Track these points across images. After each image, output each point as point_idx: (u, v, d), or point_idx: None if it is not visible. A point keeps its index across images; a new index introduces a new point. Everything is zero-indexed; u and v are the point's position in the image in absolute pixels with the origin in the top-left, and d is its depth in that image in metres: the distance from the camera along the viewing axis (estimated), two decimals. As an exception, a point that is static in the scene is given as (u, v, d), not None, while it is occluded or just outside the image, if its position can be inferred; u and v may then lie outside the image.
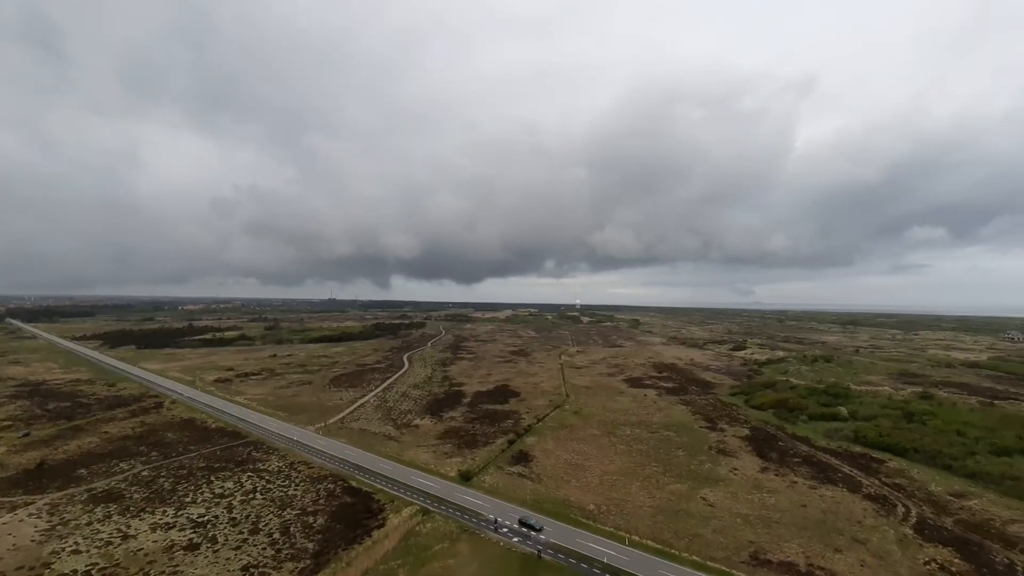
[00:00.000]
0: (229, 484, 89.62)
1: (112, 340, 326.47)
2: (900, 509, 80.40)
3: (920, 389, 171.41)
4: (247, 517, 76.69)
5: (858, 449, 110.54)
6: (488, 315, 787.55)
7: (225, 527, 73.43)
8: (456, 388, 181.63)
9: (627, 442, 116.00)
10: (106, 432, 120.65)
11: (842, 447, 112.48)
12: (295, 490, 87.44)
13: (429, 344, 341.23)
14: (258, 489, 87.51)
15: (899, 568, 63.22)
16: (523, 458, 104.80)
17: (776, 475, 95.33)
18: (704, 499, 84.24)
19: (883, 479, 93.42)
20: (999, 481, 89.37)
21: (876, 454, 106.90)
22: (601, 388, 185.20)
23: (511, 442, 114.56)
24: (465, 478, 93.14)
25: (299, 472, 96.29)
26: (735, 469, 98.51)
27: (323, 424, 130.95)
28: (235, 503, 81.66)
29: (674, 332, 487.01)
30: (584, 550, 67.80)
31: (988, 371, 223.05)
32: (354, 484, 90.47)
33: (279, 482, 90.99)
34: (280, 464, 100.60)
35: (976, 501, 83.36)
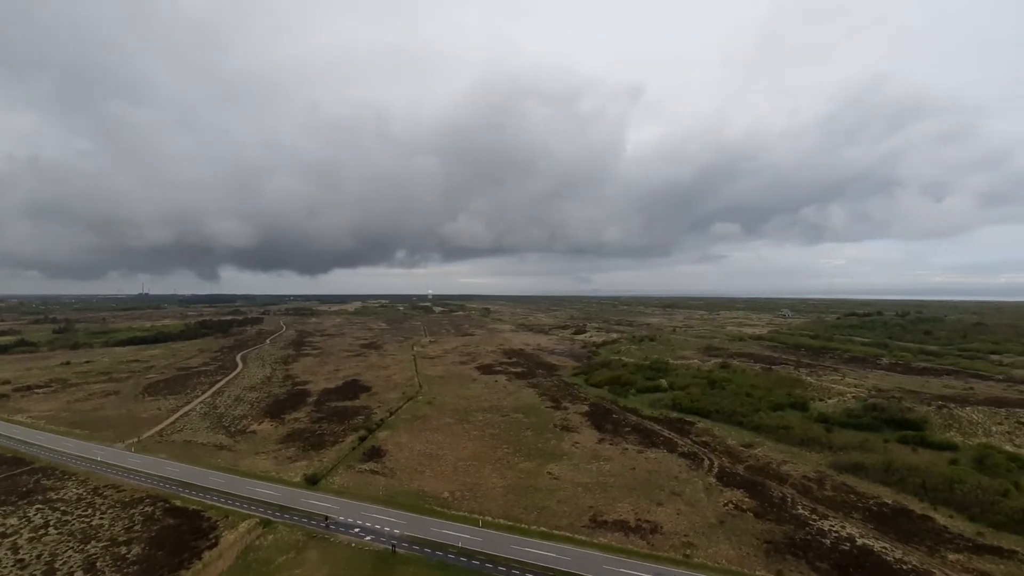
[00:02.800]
0: (12, 521, 73.24)
1: None
2: (706, 462, 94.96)
3: (720, 360, 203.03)
4: (38, 557, 63.61)
5: (675, 415, 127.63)
6: (336, 307, 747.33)
7: (10, 572, 60.03)
8: (300, 387, 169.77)
9: (480, 427, 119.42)
10: None
11: (663, 414, 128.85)
12: (101, 519, 74.55)
13: (267, 341, 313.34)
14: (51, 523, 72.86)
15: (706, 512, 74.76)
16: (375, 454, 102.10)
17: (611, 444, 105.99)
18: (550, 474, 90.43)
19: (693, 438, 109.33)
20: (775, 431, 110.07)
21: (689, 418, 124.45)
22: (454, 377, 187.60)
23: (362, 439, 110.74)
24: (312, 482, 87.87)
25: (106, 498, 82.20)
26: (577, 443, 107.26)
27: (136, 439, 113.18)
28: (21, 542, 67.09)
29: (522, 319, 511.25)
30: (439, 537, 68.54)
31: (768, 342, 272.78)
32: (178, 503, 79.94)
33: (79, 512, 76.75)
34: (80, 491, 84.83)
35: (760, 449, 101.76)
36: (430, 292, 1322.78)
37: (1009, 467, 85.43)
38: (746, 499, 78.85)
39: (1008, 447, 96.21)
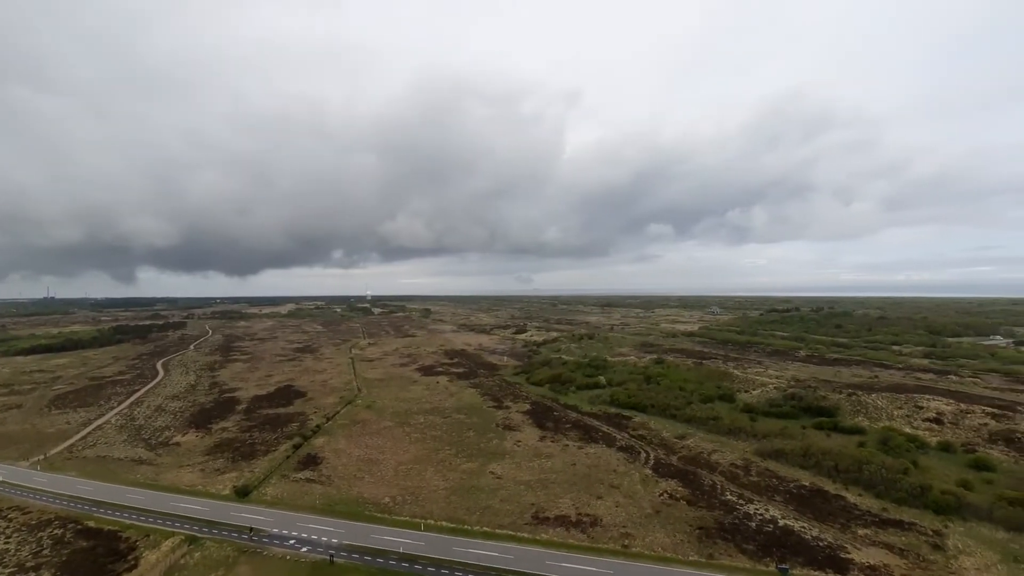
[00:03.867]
0: None
1: None
2: (642, 455, 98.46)
3: (655, 356, 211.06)
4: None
5: (613, 410, 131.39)
6: (267, 310, 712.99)
7: None
8: (228, 394, 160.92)
9: (421, 430, 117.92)
10: None
11: (602, 410, 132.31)
12: (6, 543, 67.79)
13: (192, 347, 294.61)
14: (-67, 556, 65.17)
15: (642, 502, 77.54)
16: (312, 461, 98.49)
17: (552, 441, 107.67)
18: (493, 473, 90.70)
19: (631, 432, 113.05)
20: (706, 422, 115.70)
21: (626, 412, 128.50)
22: (394, 379, 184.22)
23: (297, 446, 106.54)
24: (242, 494, 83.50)
25: (10, 521, 74.68)
26: (519, 441, 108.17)
27: (42, 456, 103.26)
28: None
29: (463, 319, 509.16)
30: (379, 544, 67.15)
31: (699, 338, 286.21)
32: (92, 524, 73.77)
33: (-29, 541, 69.21)
34: (-29, 517, 76.43)
35: (692, 440, 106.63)
36: (368, 293, 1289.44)
37: (908, 447, 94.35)
38: (680, 488, 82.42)
39: (907, 429, 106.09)
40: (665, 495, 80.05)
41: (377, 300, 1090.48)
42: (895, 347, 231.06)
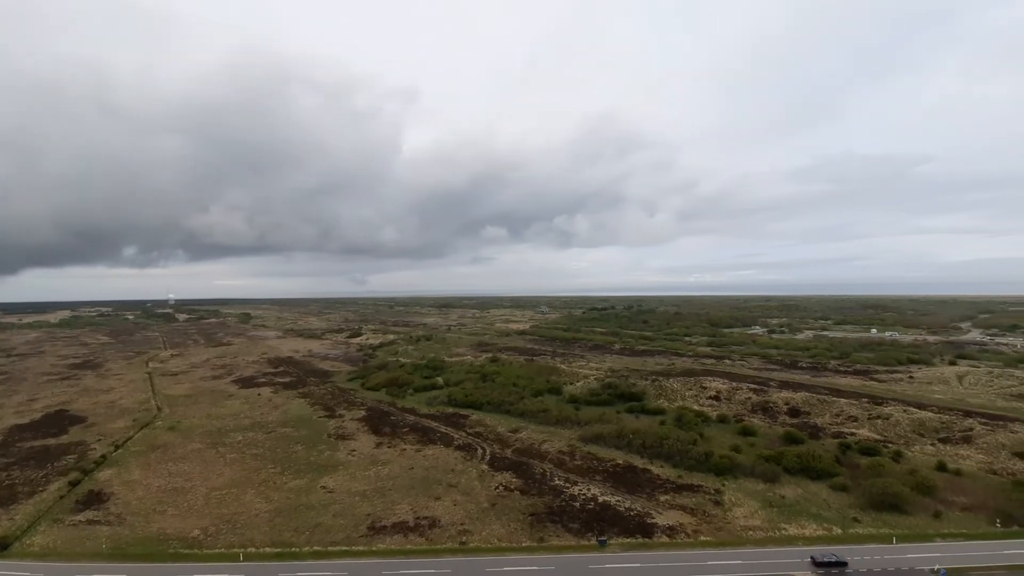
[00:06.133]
0: None
1: None
2: (479, 451, 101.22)
3: (491, 355, 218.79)
4: None
5: (451, 410, 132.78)
6: (30, 318, 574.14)
7: None
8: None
9: (239, 449, 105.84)
10: None
11: (440, 411, 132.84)
12: None
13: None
14: None
15: (479, 497, 79.65)
16: (95, 499, 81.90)
17: (389, 447, 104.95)
18: (324, 487, 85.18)
19: (468, 430, 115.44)
20: (537, 415, 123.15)
21: (463, 411, 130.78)
22: (205, 394, 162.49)
23: (75, 483, 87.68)
24: (-6, 549, 66.24)
25: None
26: (353, 451, 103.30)
27: None
28: None
29: (291, 324, 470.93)
30: (187, 584, 58.67)
31: (530, 336, 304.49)
32: None
33: None
34: None
35: (525, 433, 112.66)
36: (171, 296, 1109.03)
37: (696, 422, 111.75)
38: (514, 479, 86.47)
39: (696, 407, 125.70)
40: (500, 487, 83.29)
41: (183, 304, 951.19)
42: (687, 338, 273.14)
